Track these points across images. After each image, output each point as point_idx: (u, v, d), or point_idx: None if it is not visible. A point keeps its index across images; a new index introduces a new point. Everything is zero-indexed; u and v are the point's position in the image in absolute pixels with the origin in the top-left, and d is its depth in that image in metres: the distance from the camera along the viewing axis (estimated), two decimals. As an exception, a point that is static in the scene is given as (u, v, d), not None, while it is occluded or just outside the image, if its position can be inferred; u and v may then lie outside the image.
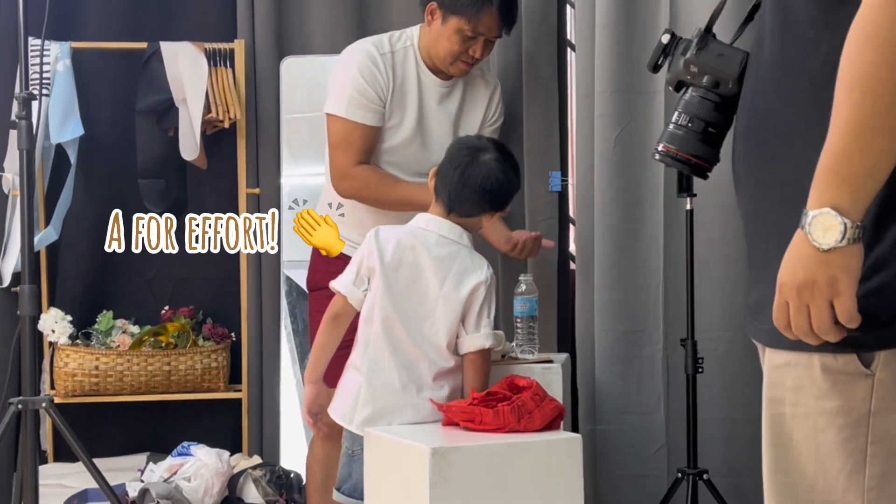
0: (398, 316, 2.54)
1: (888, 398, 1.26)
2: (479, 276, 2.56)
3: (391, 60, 3.06)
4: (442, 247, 2.57)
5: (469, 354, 2.55)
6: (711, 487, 2.91)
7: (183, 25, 3.79)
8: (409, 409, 2.51)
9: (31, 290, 2.85)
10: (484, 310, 2.56)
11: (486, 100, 3.18)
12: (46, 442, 3.63)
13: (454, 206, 2.60)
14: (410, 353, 2.54)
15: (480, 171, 2.58)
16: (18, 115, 2.85)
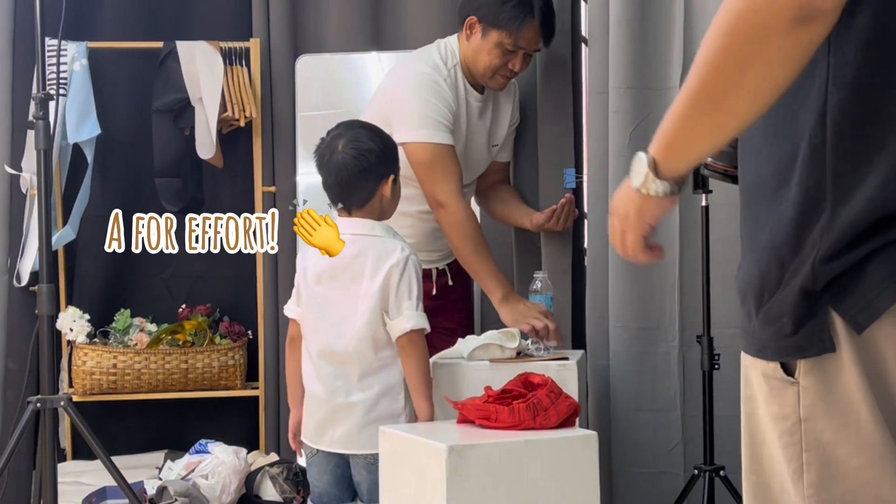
0: (322, 326, 2.60)
1: (814, 406, 1.25)
2: (391, 260, 2.56)
3: (450, 83, 3.05)
4: (354, 245, 2.59)
5: (398, 341, 2.56)
6: (728, 484, 2.91)
7: (199, 25, 3.81)
8: (343, 414, 2.57)
9: (49, 289, 2.86)
10: (403, 291, 2.55)
11: (511, 103, 3.24)
12: (65, 440, 3.66)
13: (348, 205, 2.62)
14: (336, 361, 2.59)
15: (338, 161, 2.59)
16: (36, 116, 2.86)
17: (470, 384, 2.60)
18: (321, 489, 2.66)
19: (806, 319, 1.24)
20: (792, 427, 1.28)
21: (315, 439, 2.64)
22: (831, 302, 1.23)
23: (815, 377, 1.25)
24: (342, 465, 2.62)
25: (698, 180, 2.92)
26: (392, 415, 2.59)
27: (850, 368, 1.23)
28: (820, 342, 1.24)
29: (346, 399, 2.57)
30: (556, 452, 2.29)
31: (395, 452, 2.41)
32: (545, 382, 2.43)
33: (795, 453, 1.28)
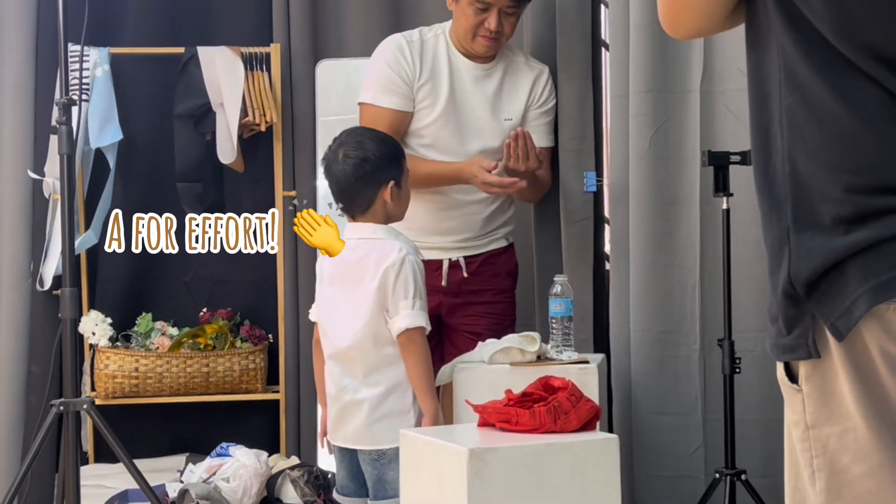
0: (330, 327, 2.69)
1: (817, 412, 1.26)
2: (388, 261, 2.62)
3: (419, 48, 3.13)
4: (358, 248, 2.67)
5: (398, 339, 2.63)
6: (749, 488, 2.90)
7: (220, 30, 3.83)
8: (351, 411, 2.65)
9: (71, 293, 2.88)
10: (399, 291, 2.61)
11: (530, 83, 3.22)
12: (87, 443, 3.67)
13: (352, 212, 2.70)
14: (342, 360, 2.67)
15: (338, 169, 2.67)
16: (59, 121, 2.88)
17: (490, 387, 2.60)
18: (341, 479, 2.76)
19: (795, 322, 1.25)
20: (803, 433, 1.28)
21: (332, 435, 2.74)
22: (815, 308, 1.23)
23: (813, 384, 1.26)
24: (356, 459, 2.70)
25: (719, 182, 2.91)
26: (400, 411, 2.65)
27: (841, 374, 1.23)
28: (806, 346, 1.24)
29: (354, 396, 2.66)
30: (577, 456, 2.28)
31: (416, 455, 2.41)
32: (566, 386, 2.42)
33: (808, 460, 1.28)
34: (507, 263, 3.28)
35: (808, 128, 1.24)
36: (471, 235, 3.19)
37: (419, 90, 3.12)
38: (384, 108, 3.11)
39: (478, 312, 3.21)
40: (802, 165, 1.24)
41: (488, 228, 3.22)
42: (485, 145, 3.18)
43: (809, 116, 1.24)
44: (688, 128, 3.14)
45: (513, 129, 3.15)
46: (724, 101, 3.10)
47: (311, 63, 3.74)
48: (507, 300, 3.28)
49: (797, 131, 1.25)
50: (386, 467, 2.63)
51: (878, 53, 1.20)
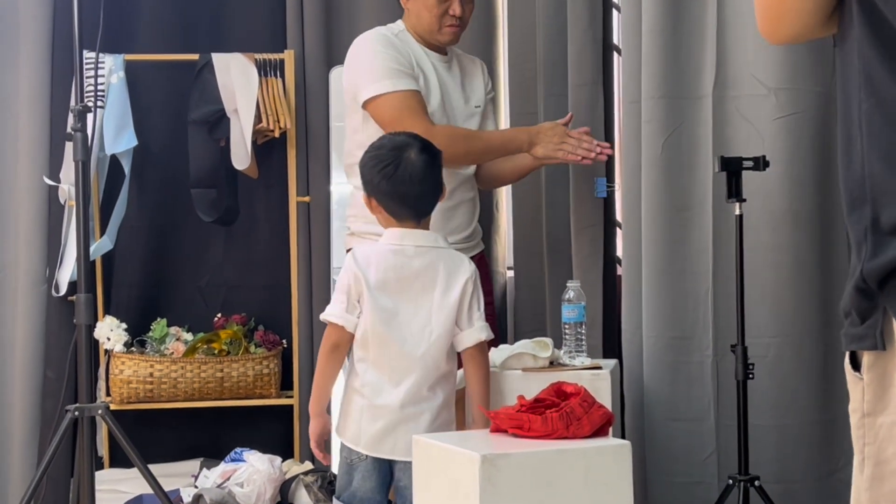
0: (391, 335, 2.58)
1: (873, 402, 1.31)
2: (465, 273, 2.60)
3: (400, 39, 3.14)
4: (422, 256, 2.60)
5: (467, 350, 2.60)
6: (763, 494, 2.89)
7: (234, 37, 3.84)
8: (409, 423, 2.57)
9: (87, 299, 2.89)
10: (474, 304, 2.61)
11: (481, 71, 3.27)
12: (102, 448, 3.69)
13: (421, 213, 2.61)
14: (406, 369, 2.58)
15: (413, 172, 2.57)
16: (74, 128, 2.90)
17: (503, 393, 2.61)
18: (362, 494, 2.63)
19: (867, 314, 1.30)
20: (860, 421, 1.33)
21: (374, 448, 2.60)
22: (886, 301, 1.28)
23: (874, 373, 1.31)
24: (388, 471, 2.62)
25: (732, 188, 2.91)
26: (448, 423, 2.63)
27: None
28: (873, 337, 1.29)
29: (415, 408, 2.57)
30: (590, 462, 2.28)
31: (428, 461, 2.42)
32: (578, 392, 2.43)
33: (860, 447, 1.33)
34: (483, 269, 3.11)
35: (883, 132, 1.28)
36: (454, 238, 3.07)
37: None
38: (408, 90, 2.99)
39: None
40: (877, 168, 1.29)
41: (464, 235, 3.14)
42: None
43: (884, 120, 1.28)
44: (700, 133, 3.14)
45: (479, 116, 3.19)
46: (737, 106, 3.10)
47: (324, 69, 3.76)
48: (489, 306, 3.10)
49: (874, 135, 1.29)
50: None
51: None
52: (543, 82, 3.55)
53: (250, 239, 3.87)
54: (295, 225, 3.74)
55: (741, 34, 3.06)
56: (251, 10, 3.89)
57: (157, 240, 3.86)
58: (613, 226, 3.54)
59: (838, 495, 3.10)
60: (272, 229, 3.84)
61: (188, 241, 3.86)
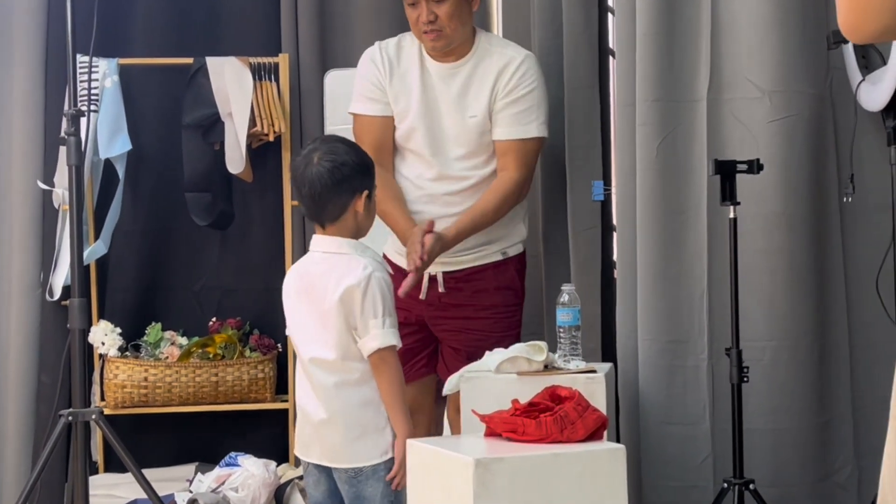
0: (301, 342, 2.63)
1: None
2: (351, 280, 2.53)
3: (395, 53, 3.14)
4: (322, 262, 2.59)
5: (370, 359, 2.56)
6: (758, 498, 2.89)
7: (228, 40, 3.84)
8: (325, 428, 2.57)
9: (80, 304, 2.89)
10: (367, 310, 2.53)
11: (496, 73, 3.07)
12: (97, 453, 3.69)
13: (321, 219, 2.60)
14: (316, 376, 2.59)
15: (312, 173, 2.56)
16: (67, 132, 2.90)
17: (497, 397, 2.60)
18: (317, 499, 2.66)
19: None
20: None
21: (305, 452, 2.65)
22: None
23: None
24: (332, 477, 2.62)
25: (726, 192, 2.91)
26: (376, 428, 2.57)
27: None
28: None
29: (326, 413, 2.57)
30: (584, 466, 2.28)
31: (421, 465, 2.41)
32: (572, 395, 2.42)
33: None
34: (499, 279, 3.15)
35: None
36: (450, 251, 3.06)
37: (391, 95, 3.12)
38: (366, 115, 3.14)
39: (456, 328, 3.13)
40: None
41: (473, 243, 3.09)
42: (456, 153, 3.09)
43: None
44: (695, 137, 3.14)
45: (477, 126, 3.07)
46: (732, 109, 3.10)
47: (319, 73, 3.76)
48: (496, 316, 3.15)
49: None
50: (363, 484, 2.55)
51: None
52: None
53: (245, 243, 3.87)
54: (290, 229, 3.74)
55: (735, 37, 3.06)
56: (245, 13, 3.89)
57: (152, 244, 3.86)
58: (611, 229, 3.54)
59: (834, 499, 3.10)
60: (267, 233, 3.84)
61: (182, 245, 3.86)
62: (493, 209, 3.06)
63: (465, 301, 3.13)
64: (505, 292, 3.17)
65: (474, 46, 3.12)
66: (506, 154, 3.08)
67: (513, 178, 3.07)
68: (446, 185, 3.10)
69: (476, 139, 3.09)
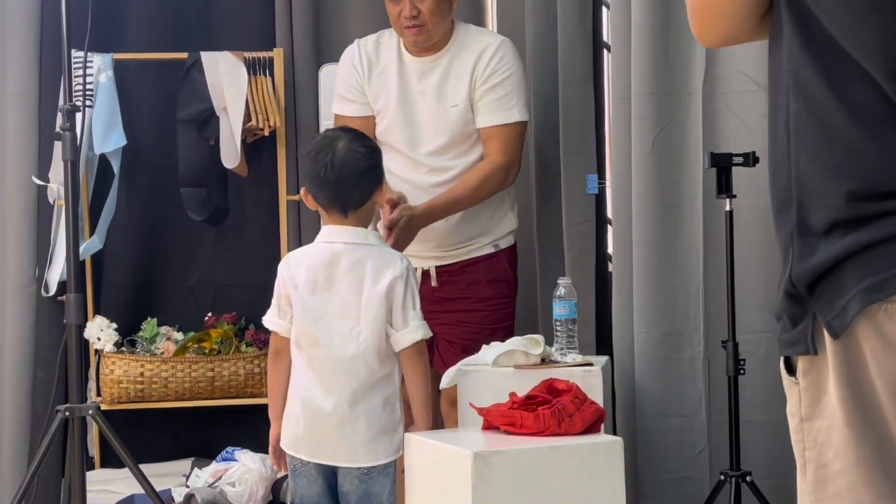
0: (321, 337, 2.54)
1: (811, 406, 1.31)
2: (394, 271, 2.53)
3: (374, 51, 3.16)
4: (350, 254, 2.55)
5: (404, 351, 2.55)
6: (755, 489, 2.90)
7: (222, 36, 3.83)
8: (346, 427, 2.52)
9: (76, 299, 2.88)
10: (408, 303, 2.53)
11: (474, 60, 3.09)
12: (93, 448, 3.68)
13: (346, 205, 2.56)
14: (339, 372, 2.53)
15: (345, 158, 2.54)
16: (62, 127, 2.89)
17: (494, 390, 2.61)
18: (310, 499, 2.60)
19: (798, 319, 1.29)
20: (798, 425, 1.33)
21: (314, 453, 2.57)
22: (816, 306, 1.27)
23: (809, 378, 1.30)
24: (331, 476, 2.58)
25: (722, 184, 2.92)
26: (392, 426, 2.56)
27: (832, 372, 1.27)
28: (805, 342, 1.28)
29: (350, 411, 2.52)
30: (582, 458, 2.29)
31: (420, 459, 2.42)
32: (570, 388, 2.43)
33: (800, 451, 1.33)
34: (491, 271, 3.16)
35: (810, 133, 1.27)
36: (440, 244, 3.10)
37: (370, 94, 3.15)
38: (346, 116, 3.17)
39: (451, 321, 3.13)
40: (805, 170, 1.28)
41: (464, 237, 3.12)
42: (434, 145, 3.10)
43: (811, 121, 1.27)
44: (690, 130, 3.14)
45: (460, 115, 3.08)
46: (727, 102, 3.10)
47: (313, 67, 3.75)
48: (488, 308, 3.15)
49: (800, 136, 1.28)
50: (374, 481, 2.53)
51: (885, 55, 1.22)
52: (533, 80, 3.55)
53: (240, 238, 3.86)
54: (285, 223, 3.73)
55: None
56: (240, 8, 3.88)
57: (147, 239, 3.85)
58: (605, 223, 3.54)
59: (829, 490, 3.11)
60: (262, 228, 3.84)
61: (178, 240, 3.85)
62: (471, 189, 3.07)
63: (459, 294, 3.14)
64: (498, 284, 3.19)
65: (452, 37, 3.14)
66: (489, 140, 3.11)
67: (495, 161, 3.10)
68: (431, 176, 3.11)
69: (460, 128, 3.11)
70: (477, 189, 3.08)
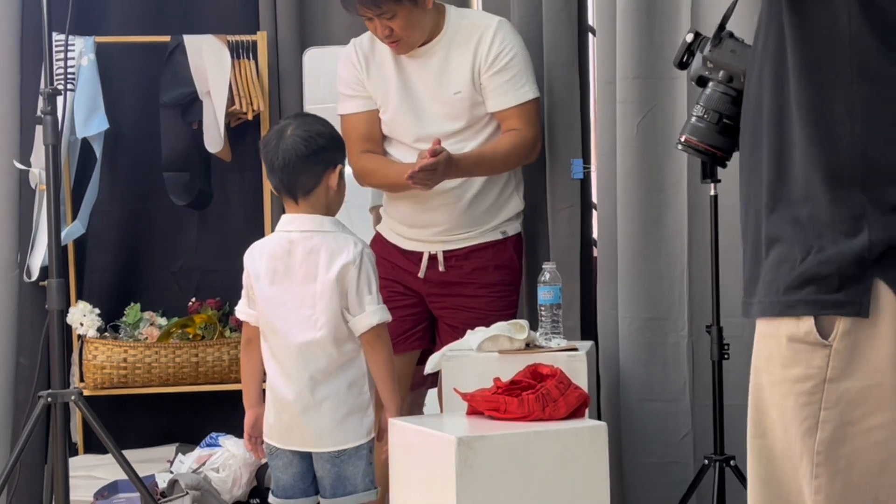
0: (280, 326, 2.57)
1: (842, 367, 1.40)
2: (346, 257, 2.54)
3: (368, 46, 3.15)
4: (306, 242, 2.56)
5: (363, 336, 2.56)
6: (738, 474, 2.91)
7: (206, 18, 3.81)
8: (310, 413, 2.55)
9: (58, 284, 2.87)
10: (363, 287, 2.54)
11: (474, 44, 3.07)
12: (76, 434, 3.67)
13: (294, 191, 2.58)
14: (297, 359, 2.56)
15: (287, 143, 2.57)
16: (44, 111, 2.87)
17: (479, 375, 2.60)
18: (286, 482, 2.63)
19: (853, 282, 1.39)
20: (814, 387, 1.41)
21: (284, 440, 2.60)
22: (880, 273, 1.39)
23: (849, 341, 1.40)
24: (306, 459, 2.61)
25: (706, 170, 2.91)
26: (360, 408, 2.59)
27: (887, 335, 1.38)
28: (857, 304, 1.39)
29: (313, 397, 2.55)
30: (566, 443, 2.29)
31: (404, 444, 2.42)
32: (554, 373, 2.43)
33: (812, 412, 1.41)
34: (498, 257, 3.16)
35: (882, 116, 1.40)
36: (450, 228, 3.11)
37: (371, 88, 3.13)
38: (347, 114, 3.16)
39: (456, 305, 3.14)
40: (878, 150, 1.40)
41: (472, 221, 3.12)
42: (440, 129, 3.07)
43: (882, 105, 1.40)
44: (675, 114, 3.14)
45: (464, 100, 3.06)
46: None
47: (297, 51, 3.73)
48: (493, 294, 3.15)
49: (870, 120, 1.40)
50: (346, 464, 2.55)
51: None
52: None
53: (224, 223, 3.84)
54: (269, 208, 3.72)
55: (716, 14, 3.05)
56: (223, -9, 3.86)
57: (130, 224, 3.83)
58: (590, 207, 3.54)
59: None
60: (245, 213, 3.82)
61: (161, 225, 3.83)
62: (502, 153, 3.08)
63: (465, 279, 3.15)
64: (503, 271, 3.19)
65: (445, 24, 3.11)
66: (509, 119, 3.11)
67: (524, 135, 3.11)
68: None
69: (468, 112, 3.09)
70: (507, 156, 3.10)
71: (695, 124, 1.86)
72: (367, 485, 2.58)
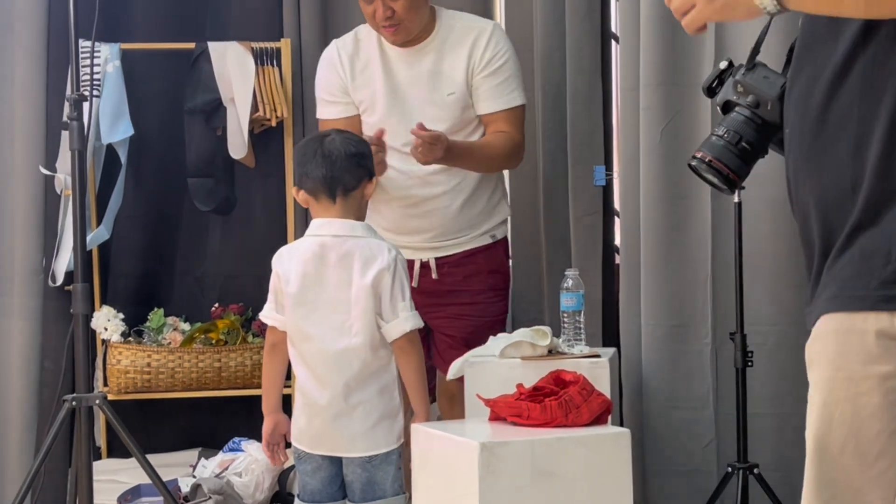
0: (313, 332, 2.56)
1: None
2: (381, 263, 2.54)
3: (352, 47, 3.13)
4: (339, 246, 2.56)
5: (396, 342, 2.56)
6: (762, 482, 2.89)
7: (230, 25, 3.83)
8: (343, 418, 2.55)
9: (83, 289, 2.88)
10: (396, 294, 2.54)
11: (469, 46, 3.07)
12: (100, 438, 3.69)
13: (334, 188, 2.57)
14: (331, 365, 2.55)
15: (330, 147, 2.58)
16: (70, 117, 2.89)
17: (501, 382, 2.60)
18: (314, 487, 2.62)
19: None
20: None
21: (314, 445, 2.59)
22: None
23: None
24: (335, 463, 2.60)
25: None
26: (391, 413, 2.59)
27: None
28: None
29: (345, 403, 2.55)
30: (589, 450, 2.28)
31: (427, 450, 2.42)
32: (577, 380, 2.42)
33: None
34: (490, 262, 3.15)
35: None
36: (442, 233, 3.08)
37: (356, 92, 3.11)
38: (330, 119, 3.12)
39: (452, 314, 3.12)
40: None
41: (462, 226, 3.10)
42: (444, 124, 3.03)
43: None
44: (699, 122, 3.13)
45: (458, 101, 3.05)
46: (736, 93, 3.09)
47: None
48: (486, 301, 3.14)
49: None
50: (377, 469, 2.55)
51: None
52: (541, 71, 3.54)
53: (247, 228, 3.86)
54: (292, 214, 3.73)
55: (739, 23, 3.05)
56: (247, -2, 3.88)
57: (154, 229, 3.85)
58: (612, 214, 3.53)
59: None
60: (269, 218, 3.83)
61: (185, 230, 3.85)
62: (492, 147, 3.07)
63: (459, 286, 3.13)
64: (496, 275, 3.18)
65: (437, 25, 3.10)
66: (497, 122, 3.10)
67: (514, 138, 3.11)
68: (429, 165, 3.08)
69: (459, 114, 3.08)
70: (494, 152, 3.08)
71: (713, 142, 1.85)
72: (396, 490, 2.58)
